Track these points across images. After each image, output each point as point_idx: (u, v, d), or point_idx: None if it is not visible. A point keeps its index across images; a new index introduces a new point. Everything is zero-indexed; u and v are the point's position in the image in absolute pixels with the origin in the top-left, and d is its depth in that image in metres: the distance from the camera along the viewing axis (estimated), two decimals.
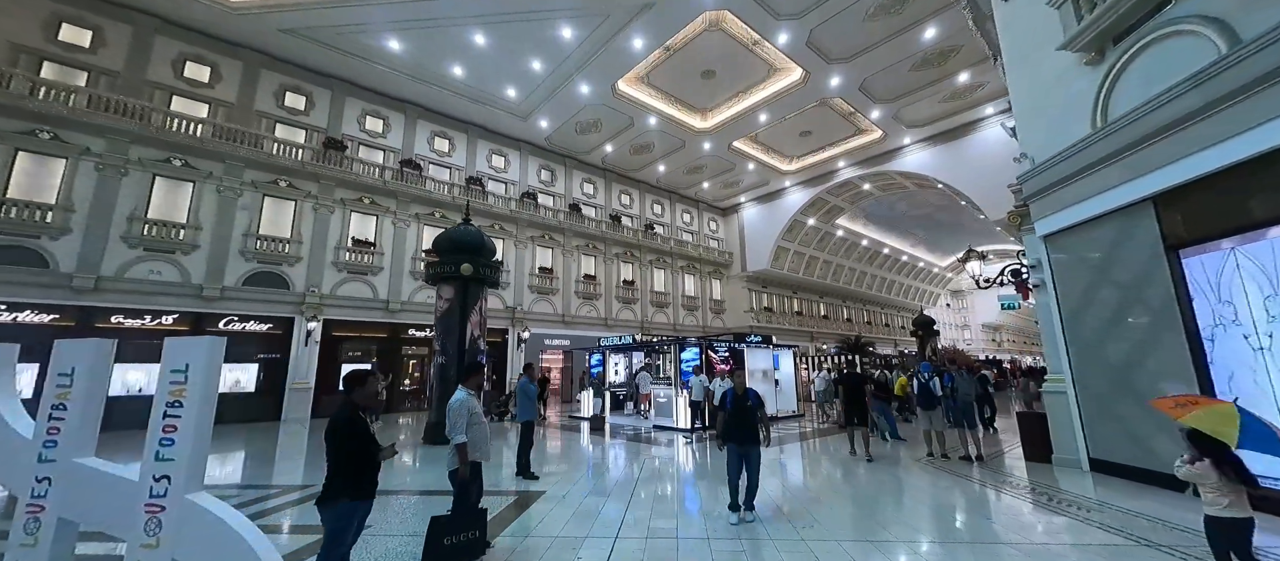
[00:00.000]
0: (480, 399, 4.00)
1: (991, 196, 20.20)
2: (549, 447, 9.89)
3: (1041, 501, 5.77)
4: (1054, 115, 6.60)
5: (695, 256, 29.83)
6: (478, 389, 3.98)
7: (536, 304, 22.43)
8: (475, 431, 3.76)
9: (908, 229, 35.99)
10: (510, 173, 23.02)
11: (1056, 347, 6.82)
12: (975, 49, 16.88)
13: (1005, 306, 10.59)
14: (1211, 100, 4.73)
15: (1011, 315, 63.01)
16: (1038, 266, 7.06)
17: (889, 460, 8.23)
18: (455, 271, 10.03)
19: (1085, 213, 6.14)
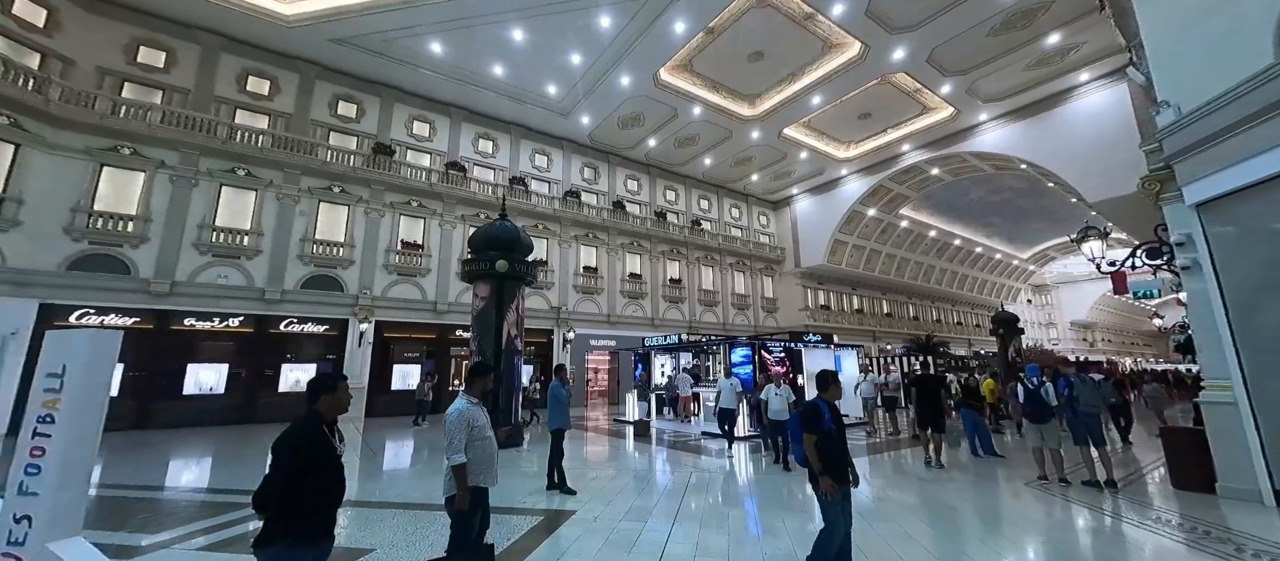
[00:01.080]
0: (488, 408, 3.32)
1: (1088, 175, 17.67)
2: (587, 455, 9.24)
3: (1214, 547, 4.39)
4: (1212, 49, 5.13)
5: (745, 253, 28.48)
6: (483, 396, 3.31)
7: (581, 304, 22.05)
8: (478, 450, 3.08)
9: (983, 218, 32.72)
10: (553, 172, 22.81)
11: (1218, 345, 5.31)
12: (1067, 5, 14.71)
13: (1140, 296, 8.68)
14: None
15: (1107, 312, 56.30)
16: (1186, 244, 5.56)
17: (986, 481, 6.89)
18: (490, 268, 9.64)
19: (1265, 169, 4.66)
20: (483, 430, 3.12)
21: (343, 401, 2.60)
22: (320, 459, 2.43)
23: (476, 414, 3.11)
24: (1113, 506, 5.61)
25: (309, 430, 2.47)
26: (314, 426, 2.49)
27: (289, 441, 2.39)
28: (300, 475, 2.33)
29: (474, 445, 3.03)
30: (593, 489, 6.54)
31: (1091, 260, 6.67)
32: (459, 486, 2.96)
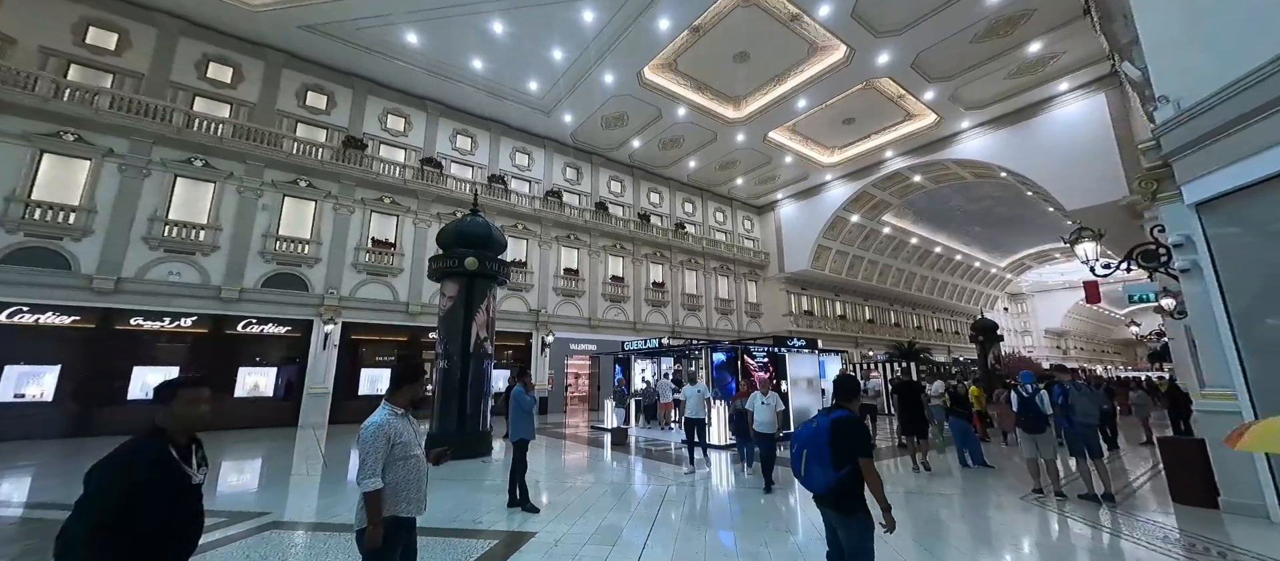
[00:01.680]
0: (413, 419, 2.74)
1: (1066, 184, 17.82)
2: (557, 467, 8.67)
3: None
4: (1215, 41, 4.89)
5: (729, 257, 28.23)
6: (410, 405, 2.77)
7: (562, 307, 21.46)
8: (400, 472, 2.50)
9: (963, 226, 33.10)
10: (534, 171, 22.24)
11: (1219, 352, 5.05)
12: (1050, 13, 14.80)
13: (1137, 299, 8.47)
14: None
15: (1079, 321, 57.63)
16: (1185, 245, 5.31)
17: (980, 495, 6.56)
18: (459, 266, 9.05)
19: (1273, 165, 4.41)
20: (407, 447, 2.55)
21: (190, 415, 2.00)
22: (158, 492, 1.84)
23: (400, 427, 2.54)
24: (1112, 522, 5.30)
25: (144, 451, 1.85)
26: (150, 448, 1.88)
27: (107, 467, 1.77)
28: (125, 513, 1.74)
29: (395, 466, 2.48)
30: (559, 505, 6.01)
31: (1085, 262, 6.42)
32: (370, 517, 2.38)
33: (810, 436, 3.02)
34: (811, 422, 3.11)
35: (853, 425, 2.99)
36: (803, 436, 3.08)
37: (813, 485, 2.97)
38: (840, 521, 2.93)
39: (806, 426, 3.12)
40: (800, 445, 3.05)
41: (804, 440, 3.05)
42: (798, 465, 3.04)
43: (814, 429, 3.02)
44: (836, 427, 2.95)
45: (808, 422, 3.14)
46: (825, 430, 2.97)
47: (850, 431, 2.94)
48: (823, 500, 2.98)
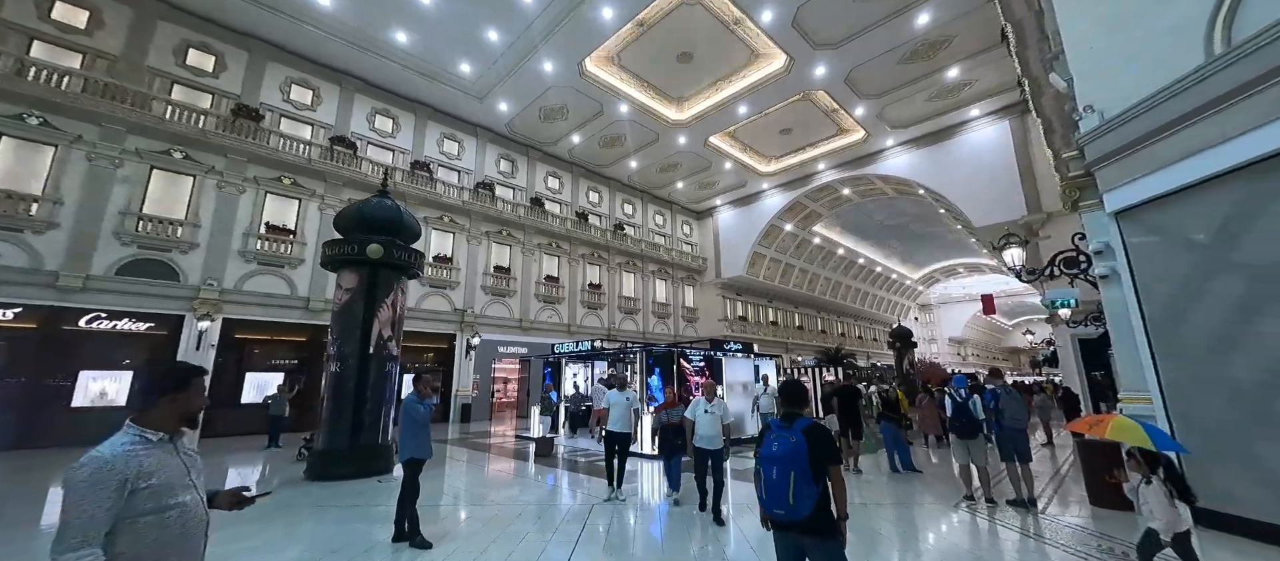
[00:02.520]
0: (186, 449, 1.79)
1: (975, 202, 19.28)
2: (464, 488, 7.63)
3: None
4: (1141, 50, 5.04)
5: (668, 260, 28.06)
6: (183, 423, 1.77)
7: (491, 307, 20.08)
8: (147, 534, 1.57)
9: (883, 239, 35.34)
10: (464, 160, 20.72)
11: (1136, 356, 5.19)
12: (967, 42, 15.88)
13: (1057, 305, 8.86)
14: None
15: (976, 330, 63.92)
16: (1105, 252, 5.45)
17: (913, 503, 6.44)
18: (360, 253, 7.79)
19: (1188, 175, 4.55)
20: (163, 492, 1.62)
21: None
22: None
23: (153, 462, 1.61)
24: (1036, 527, 5.30)
25: None
26: None
27: None
28: None
29: (139, 525, 1.53)
30: (459, 537, 5.10)
31: (1011, 269, 6.54)
32: None
33: (791, 453, 2.61)
34: (784, 437, 2.69)
35: (823, 432, 2.70)
36: (782, 453, 2.64)
37: (800, 510, 2.54)
38: (819, 545, 2.57)
39: (780, 442, 2.69)
40: (783, 465, 2.60)
41: (784, 458, 2.61)
42: (783, 490, 2.57)
43: (792, 443, 2.64)
44: (812, 437, 2.64)
45: (777, 437, 2.72)
46: (804, 443, 2.61)
47: (824, 439, 2.67)
48: (803, 526, 2.56)
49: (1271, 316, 4.07)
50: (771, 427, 2.82)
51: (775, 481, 2.60)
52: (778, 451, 2.66)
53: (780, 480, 2.59)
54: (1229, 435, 4.40)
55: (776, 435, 2.73)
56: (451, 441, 13.07)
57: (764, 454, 2.71)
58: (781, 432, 2.72)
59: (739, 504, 6.32)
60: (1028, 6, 8.89)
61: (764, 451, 2.73)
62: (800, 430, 2.67)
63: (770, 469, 2.64)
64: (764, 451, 2.73)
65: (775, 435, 2.74)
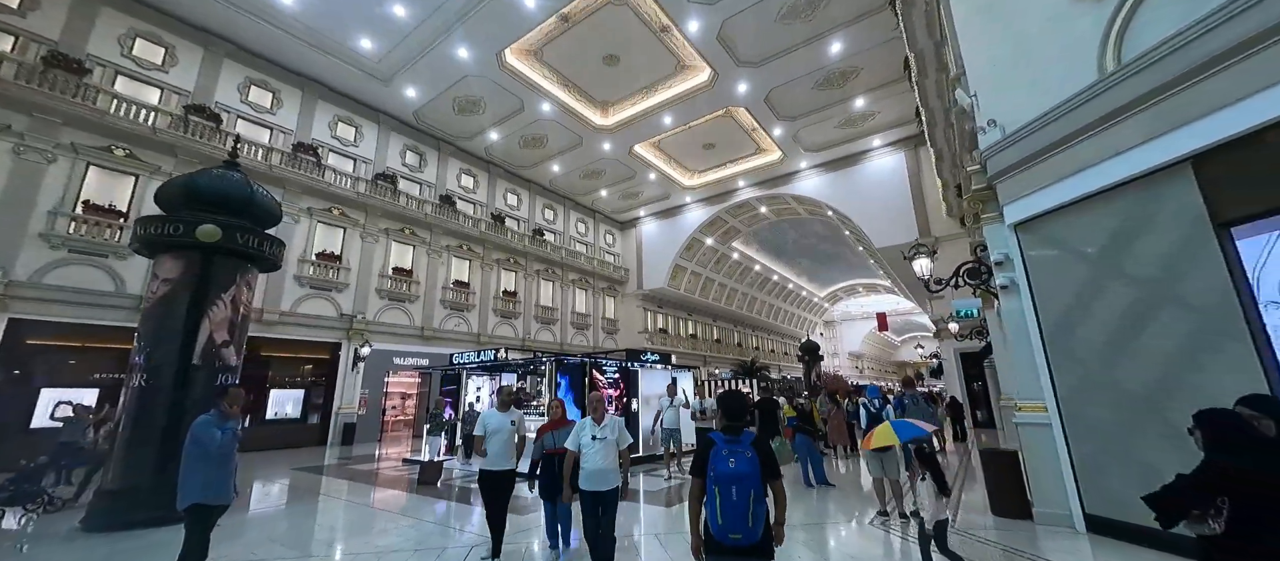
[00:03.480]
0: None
1: (876, 225, 20.76)
2: (296, 531, 6.15)
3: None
4: (1039, 68, 5.24)
5: (589, 270, 27.23)
6: None
7: (387, 312, 17.91)
8: None
9: (795, 258, 37.35)
10: (362, 148, 18.50)
11: (1032, 367, 5.30)
12: (873, 75, 17.06)
13: (963, 315, 9.36)
14: None
15: (871, 345, 70.06)
16: (1005, 263, 5.58)
17: (831, 521, 6.16)
18: (185, 235, 6.12)
19: (1081, 188, 4.72)
20: None
21: None
22: None
23: None
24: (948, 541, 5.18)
25: None
26: None
27: None
28: None
29: None
30: None
31: (920, 278, 6.63)
32: None
33: (751, 470, 2.49)
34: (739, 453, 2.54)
35: (767, 443, 2.66)
36: (741, 471, 2.49)
37: (756, 532, 2.44)
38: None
39: (738, 459, 2.53)
40: (743, 484, 2.45)
41: (744, 476, 2.47)
42: (742, 512, 2.41)
43: (748, 459, 2.52)
44: (763, 451, 2.57)
45: (731, 453, 2.55)
46: (757, 457, 2.53)
47: (771, 453, 2.61)
48: (757, 549, 2.46)
49: (1155, 325, 4.22)
50: (717, 443, 2.62)
51: (736, 503, 2.43)
52: (737, 469, 2.49)
53: (741, 501, 2.43)
54: (1119, 442, 4.51)
55: (729, 451, 2.55)
56: (322, 468, 11.11)
57: (721, 473, 2.50)
58: (734, 448, 2.56)
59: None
60: (929, 36, 9.48)
61: (719, 470, 2.51)
62: (751, 443, 2.57)
63: (730, 489, 2.45)
64: (719, 470, 2.51)
65: (727, 451, 2.56)
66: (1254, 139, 3.64)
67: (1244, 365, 3.64)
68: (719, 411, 2.84)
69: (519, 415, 4.94)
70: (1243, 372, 3.63)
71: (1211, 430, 2.34)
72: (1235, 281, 3.73)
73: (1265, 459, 2.16)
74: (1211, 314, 3.83)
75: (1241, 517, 2.15)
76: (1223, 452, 2.25)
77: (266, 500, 7.90)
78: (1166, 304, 4.13)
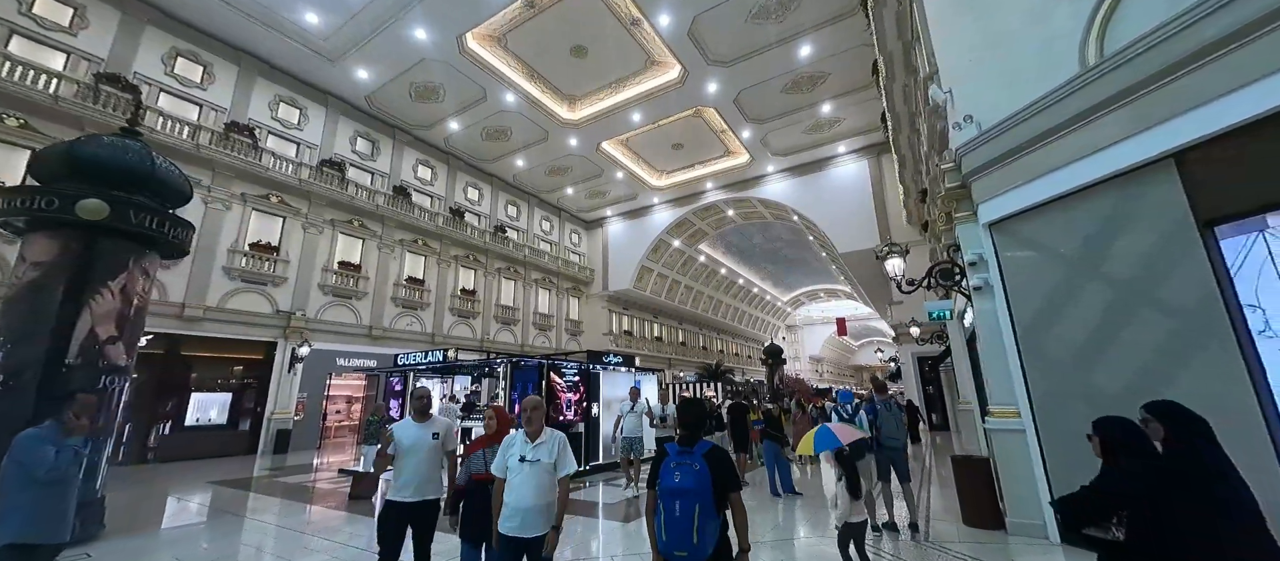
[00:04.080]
0: None
1: (840, 230, 21.04)
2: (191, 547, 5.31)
3: None
4: (1017, 62, 5.09)
5: (553, 269, 26.44)
6: None
7: (331, 310, 16.63)
8: None
9: (760, 262, 37.72)
10: (307, 132, 17.16)
11: (1006, 370, 5.13)
12: (839, 81, 17.21)
13: (936, 317, 9.27)
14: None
15: (831, 350, 71.99)
16: (979, 264, 5.41)
17: (802, 533, 5.81)
18: (61, 210, 5.15)
19: (1059, 186, 4.56)
20: None
21: None
22: None
23: None
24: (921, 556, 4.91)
25: None
26: None
27: None
28: None
29: None
30: None
31: (892, 278, 6.43)
32: None
33: (698, 484, 2.39)
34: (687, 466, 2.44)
35: (725, 456, 2.55)
36: (687, 485, 2.39)
37: (704, 549, 2.32)
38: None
39: (684, 473, 2.42)
40: (688, 499, 2.35)
41: (690, 490, 2.38)
42: (686, 528, 2.32)
43: (696, 473, 2.42)
44: (715, 463, 2.46)
45: (679, 467, 2.45)
46: (707, 471, 2.42)
47: (727, 464, 2.51)
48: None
49: (1135, 327, 4.06)
50: (669, 454, 2.52)
51: (679, 518, 2.33)
52: (681, 483, 2.39)
53: (685, 517, 2.33)
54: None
55: (677, 463, 2.45)
56: (248, 481, 9.98)
57: (666, 487, 2.41)
58: (683, 460, 2.45)
59: None
60: (899, 37, 9.44)
61: (665, 484, 2.42)
62: (702, 456, 2.45)
63: (673, 504, 2.36)
64: (665, 484, 2.42)
65: (676, 463, 2.45)
66: (1239, 135, 3.51)
67: (1227, 369, 3.49)
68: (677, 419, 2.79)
69: (447, 425, 3.72)
70: (1226, 377, 3.49)
71: (1104, 436, 2.36)
72: (1219, 282, 3.59)
73: (1152, 465, 2.16)
74: (1194, 316, 3.69)
75: (1139, 526, 2.16)
76: (1116, 459, 2.28)
77: (150, 520, 6.85)
78: (1146, 306, 3.98)
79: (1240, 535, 1.95)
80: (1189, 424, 2.25)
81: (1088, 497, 2.27)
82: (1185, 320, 3.74)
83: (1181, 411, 2.29)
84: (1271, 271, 3.59)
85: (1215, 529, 1.99)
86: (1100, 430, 2.35)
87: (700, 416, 2.68)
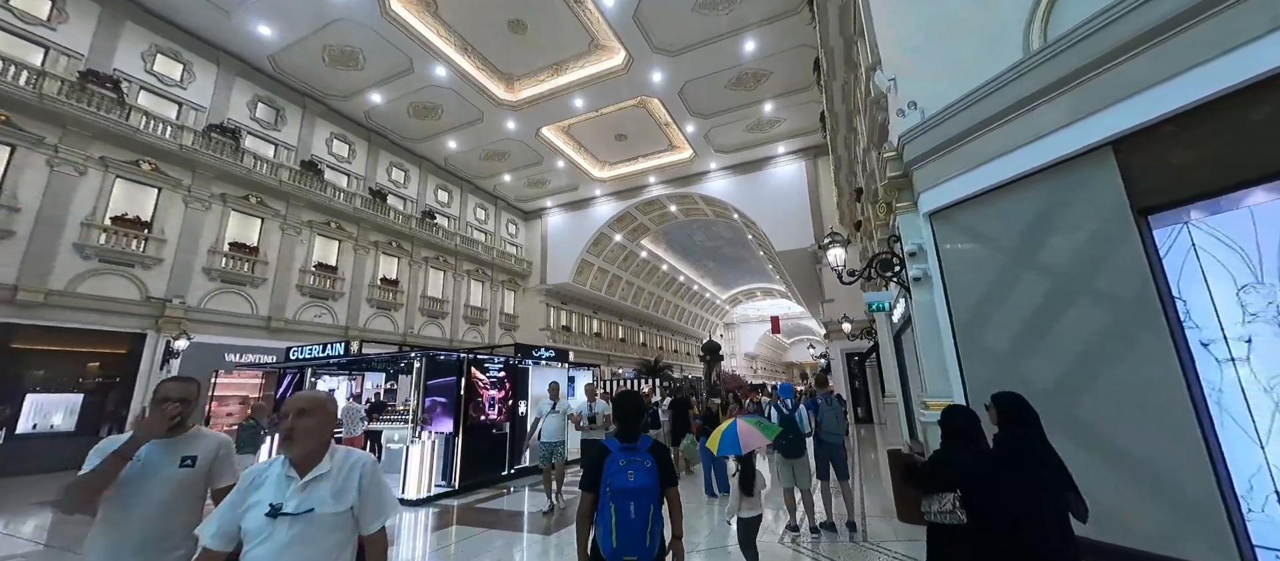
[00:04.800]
0: None
1: (777, 229, 21.51)
2: None
3: None
4: (961, 48, 5.03)
5: (487, 260, 25.00)
6: None
7: (219, 297, 14.49)
8: None
9: (701, 259, 38.09)
10: (192, 91, 14.83)
11: (942, 364, 5.04)
12: (781, 81, 17.41)
13: (876, 308, 9.25)
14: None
15: (765, 348, 74.76)
16: (918, 254, 5.30)
17: (722, 539, 5.45)
18: None
19: (1000, 173, 4.49)
20: None
21: None
22: None
23: None
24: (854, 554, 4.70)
25: None
26: None
27: None
28: None
29: None
30: None
31: (834, 268, 6.27)
32: None
33: (651, 483, 2.27)
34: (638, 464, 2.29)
35: (665, 449, 2.46)
36: (640, 484, 2.24)
37: (653, 549, 2.22)
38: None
39: (637, 471, 2.27)
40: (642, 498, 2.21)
41: (644, 489, 2.24)
42: (640, 529, 2.17)
43: (647, 469, 2.29)
44: (661, 459, 2.36)
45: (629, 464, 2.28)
46: (655, 468, 2.31)
47: (669, 459, 2.44)
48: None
49: (1070, 317, 4.02)
50: (612, 452, 2.37)
51: (634, 520, 2.20)
52: (636, 482, 2.27)
53: (640, 517, 2.21)
54: None
55: (628, 461, 2.32)
56: None
57: (618, 487, 2.25)
58: (632, 458, 2.34)
59: None
60: (841, 31, 9.46)
61: (618, 483, 2.26)
62: (648, 450, 2.38)
63: (627, 505, 2.22)
64: (618, 483, 2.26)
65: (625, 461, 2.32)
66: (1172, 123, 3.49)
67: (1160, 359, 3.47)
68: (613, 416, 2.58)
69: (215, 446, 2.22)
70: (1159, 366, 3.46)
71: (945, 424, 2.57)
72: (1153, 270, 3.58)
73: (981, 451, 2.37)
74: (1128, 306, 3.66)
75: (971, 511, 2.35)
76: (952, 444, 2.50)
77: None
78: (1083, 294, 3.95)
79: (1060, 510, 2.25)
80: (1022, 414, 2.49)
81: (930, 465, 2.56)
82: (1120, 309, 3.72)
83: (1018, 402, 2.53)
84: (1194, 263, 3.63)
85: (1039, 504, 2.23)
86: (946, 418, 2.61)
87: (638, 408, 2.52)
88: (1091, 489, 3.57)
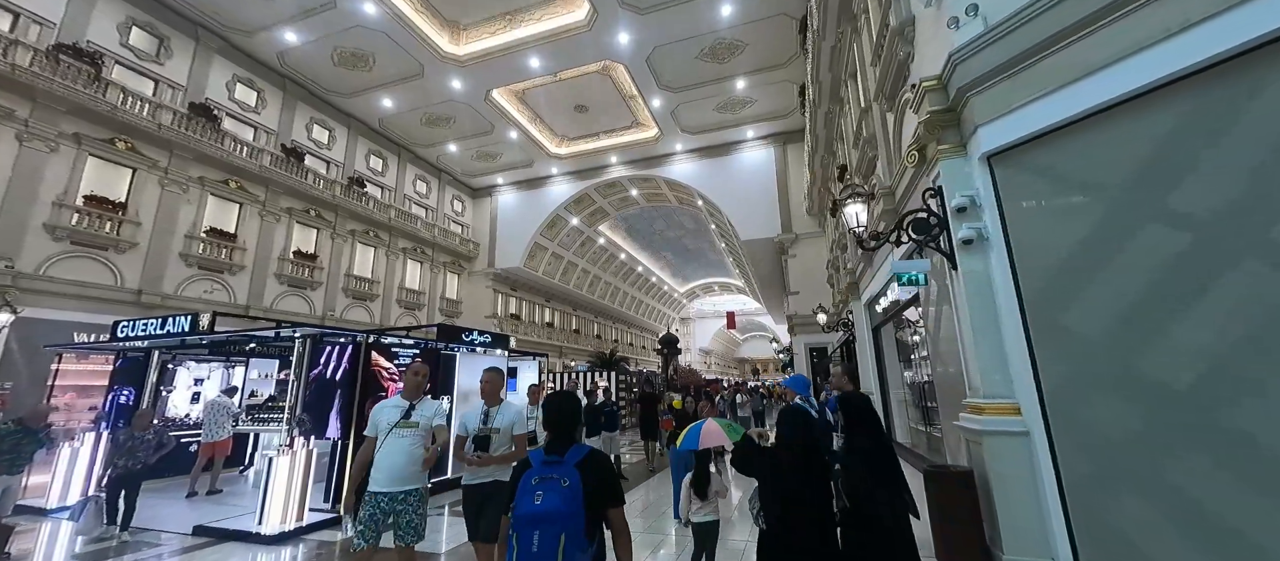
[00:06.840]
0: None
1: (743, 217, 20.52)
2: None
3: None
4: None
5: (428, 238, 22.49)
6: None
7: (67, 263, 11.57)
8: None
9: (660, 250, 36.86)
10: (37, 6, 11.71)
11: (1000, 351, 3.78)
12: (755, 55, 16.23)
13: (906, 280, 7.64)
14: None
15: (718, 343, 74.97)
16: (969, 209, 4.02)
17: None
18: None
19: (1106, 91, 3.23)
20: None
21: None
22: None
23: None
24: None
25: None
26: None
27: None
28: None
29: None
30: None
31: (853, 231, 4.94)
32: None
33: (564, 504, 1.75)
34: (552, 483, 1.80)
35: (602, 463, 1.98)
36: (549, 509, 1.75)
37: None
38: None
39: (547, 492, 1.78)
40: (550, 527, 1.72)
41: (553, 515, 1.74)
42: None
43: (563, 490, 1.78)
44: (589, 474, 1.86)
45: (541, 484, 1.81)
46: (579, 486, 1.81)
47: (604, 474, 1.93)
48: None
49: (1217, 287, 2.78)
50: (532, 464, 1.91)
51: (537, 555, 1.69)
52: (542, 507, 1.75)
53: (545, 550, 1.69)
54: (1136, 460, 3.08)
55: (540, 478, 1.83)
56: None
57: (521, 514, 1.78)
58: (548, 474, 1.84)
59: None
60: None
61: (520, 510, 1.79)
62: (574, 465, 1.88)
63: (530, 536, 1.72)
64: (520, 510, 1.79)
65: (538, 478, 1.83)
66: None
67: None
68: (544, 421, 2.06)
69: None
70: None
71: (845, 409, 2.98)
72: None
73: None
74: None
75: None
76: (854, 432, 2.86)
77: None
78: (1242, 255, 2.73)
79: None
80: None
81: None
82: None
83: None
84: None
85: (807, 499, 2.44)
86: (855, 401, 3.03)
87: (572, 413, 2.07)
88: (1258, 532, 2.33)
